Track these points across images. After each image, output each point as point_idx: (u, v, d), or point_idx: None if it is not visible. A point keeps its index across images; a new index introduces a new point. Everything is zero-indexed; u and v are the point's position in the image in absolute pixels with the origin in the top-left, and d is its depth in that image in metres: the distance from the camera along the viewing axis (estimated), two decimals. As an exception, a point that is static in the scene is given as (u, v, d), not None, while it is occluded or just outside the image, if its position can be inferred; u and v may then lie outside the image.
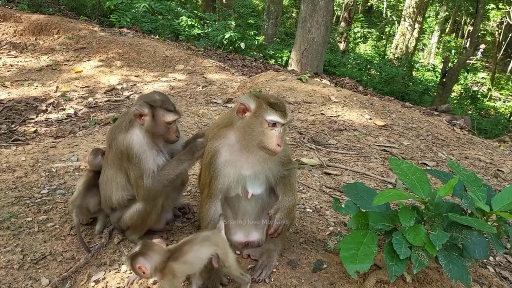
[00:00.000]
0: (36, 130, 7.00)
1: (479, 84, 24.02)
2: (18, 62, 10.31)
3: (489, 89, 22.91)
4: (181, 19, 14.56)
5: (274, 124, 2.60)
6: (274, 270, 2.83)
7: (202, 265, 2.48)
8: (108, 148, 2.99)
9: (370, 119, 6.77)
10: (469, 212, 2.74)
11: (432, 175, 3.29)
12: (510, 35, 23.43)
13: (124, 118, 2.93)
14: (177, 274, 2.42)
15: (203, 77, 9.86)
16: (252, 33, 15.85)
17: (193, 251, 2.46)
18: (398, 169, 2.85)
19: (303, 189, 4.13)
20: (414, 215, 2.55)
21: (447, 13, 29.01)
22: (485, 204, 2.77)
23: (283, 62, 15.78)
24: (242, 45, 14.03)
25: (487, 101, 21.65)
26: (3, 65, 10.01)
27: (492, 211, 2.73)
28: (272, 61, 15.48)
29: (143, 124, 2.80)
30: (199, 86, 9.11)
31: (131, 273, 2.79)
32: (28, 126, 7.15)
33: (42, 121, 7.44)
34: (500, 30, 24.56)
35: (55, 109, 7.87)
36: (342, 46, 24.49)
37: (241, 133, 2.68)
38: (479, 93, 21.23)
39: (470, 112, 17.65)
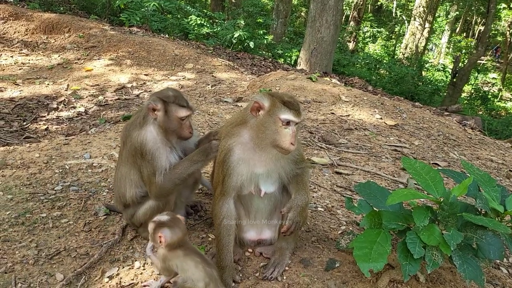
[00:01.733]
0: (47, 127, 7.06)
1: (489, 85, 23.80)
2: (29, 60, 10.40)
3: (500, 90, 22.71)
4: (190, 18, 14.59)
5: (288, 123, 2.59)
6: (287, 268, 2.83)
7: (187, 278, 2.45)
8: (122, 145, 3.01)
9: (381, 118, 6.74)
10: (483, 212, 2.72)
11: (445, 174, 3.28)
12: (522, 35, 23.20)
13: (138, 115, 2.96)
14: (173, 265, 2.49)
15: (213, 76, 9.88)
16: (261, 32, 15.83)
17: (192, 269, 2.45)
18: (411, 169, 2.84)
19: (314, 188, 4.13)
20: (428, 215, 2.54)
21: (457, 12, 28.79)
22: (499, 205, 2.75)
23: (292, 61, 15.76)
24: (251, 44, 14.03)
25: (498, 101, 21.47)
26: (15, 63, 10.11)
27: (507, 211, 2.71)
28: (281, 61, 15.47)
29: (155, 118, 2.83)
30: (209, 85, 9.13)
31: (144, 269, 2.82)
32: (40, 124, 7.21)
33: (53, 119, 7.51)
34: (511, 30, 24.31)
35: (66, 107, 7.94)
36: (351, 45, 24.43)
37: (255, 131, 2.68)
38: (490, 94, 21.05)
39: (480, 113, 17.52)
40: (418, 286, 2.64)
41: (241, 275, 2.79)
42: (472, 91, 20.80)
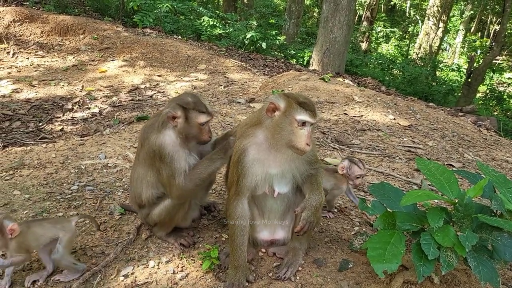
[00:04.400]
0: (62, 128, 7.17)
1: (505, 85, 23.43)
2: (45, 62, 10.57)
3: (515, 90, 22.32)
4: (203, 19, 14.68)
5: (303, 124, 2.60)
6: (300, 268, 2.84)
7: (45, 241, 2.69)
8: (140, 147, 3.03)
9: (394, 119, 6.70)
10: (499, 213, 2.69)
11: (459, 175, 3.25)
12: (538, 34, 22.79)
13: (156, 119, 2.96)
14: (30, 240, 2.66)
15: (225, 76, 9.92)
16: (274, 33, 15.85)
17: (42, 226, 2.71)
18: (426, 170, 2.83)
19: (327, 189, 4.12)
20: (442, 216, 2.52)
21: (472, 12, 28.41)
22: (515, 206, 2.72)
23: (305, 62, 15.73)
24: (264, 45, 14.06)
25: (514, 101, 21.10)
26: (30, 65, 10.28)
27: (523, 213, 2.67)
28: (294, 61, 15.46)
29: (176, 126, 2.84)
30: (221, 85, 9.17)
31: (159, 268, 2.85)
32: (55, 125, 7.32)
33: (68, 119, 7.61)
34: (527, 29, 23.92)
35: (80, 108, 8.04)
36: (364, 45, 24.28)
37: (270, 132, 2.69)
38: (506, 94, 20.72)
39: (496, 113, 17.26)
40: (432, 287, 2.62)
41: (254, 275, 2.80)
42: (487, 91, 20.51)
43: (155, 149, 2.81)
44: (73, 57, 10.79)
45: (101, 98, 8.55)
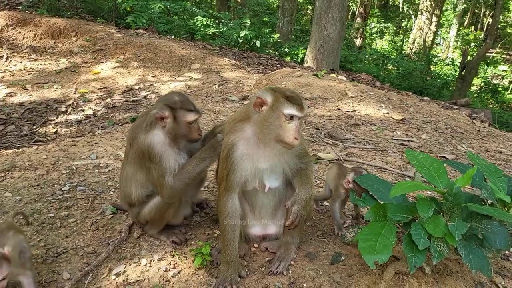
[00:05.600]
0: (56, 131, 7.16)
1: (499, 77, 23.49)
2: (38, 65, 10.54)
3: (510, 82, 22.40)
4: (196, 19, 14.65)
5: (291, 118, 2.59)
6: (292, 262, 2.84)
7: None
8: (128, 146, 3.02)
9: (388, 113, 6.70)
10: (489, 202, 2.70)
11: (450, 166, 3.26)
12: (532, 26, 22.86)
13: (144, 118, 2.94)
14: None
15: (219, 75, 9.91)
16: (267, 31, 15.83)
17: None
18: (415, 161, 2.83)
19: (320, 183, 4.13)
20: (432, 206, 2.52)
21: (465, 5, 28.45)
22: (505, 195, 2.72)
23: (299, 59, 15.73)
24: (258, 43, 14.04)
25: (509, 94, 21.18)
26: (24, 68, 10.25)
27: (514, 201, 2.68)
28: (288, 59, 15.45)
29: (164, 126, 2.83)
30: (215, 84, 9.16)
31: (151, 266, 2.84)
32: (49, 127, 7.31)
33: (62, 122, 7.60)
34: (521, 22, 23.98)
35: (74, 110, 8.03)
36: (358, 42, 24.30)
37: (258, 126, 2.68)
38: (500, 86, 20.78)
39: (490, 106, 17.31)
40: (424, 277, 2.62)
41: (247, 270, 2.80)
42: (482, 84, 20.57)
43: (144, 149, 2.80)
44: (66, 60, 10.76)
45: (95, 100, 8.53)
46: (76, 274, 2.76)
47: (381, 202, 2.78)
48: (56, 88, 9.08)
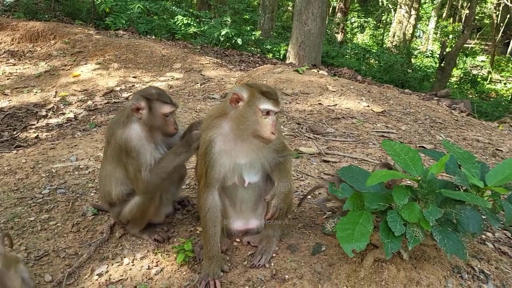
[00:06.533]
0: (37, 135, 7.07)
1: (478, 68, 23.90)
2: (16, 69, 10.39)
3: (489, 72, 22.81)
4: (177, 18, 14.57)
5: (267, 113, 2.63)
6: (274, 255, 2.87)
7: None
8: (106, 144, 3.03)
9: (368, 106, 6.79)
10: (464, 189, 2.76)
11: (426, 155, 3.32)
12: (508, 16, 23.27)
13: (121, 114, 2.97)
14: None
15: (201, 74, 9.89)
16: (249, 28, 15.82)
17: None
18: (391, 150, 2.88)
19: (302, 177, 4.17)
20: (408, 194, 2.58)
21: (443, -2, 28.85)
22: (479, 180, 2.79)
23: (281, 55, 15.77)
24: (239, 41, 14.03)
25: (488, 84, 21.56)
26: (2, 74, 10.10)
27: (487, 186, 2.75)
28: (270, 55, 15.48)
29: (140, 118, 2.85)
30: (197, 83, 9.14)
31: (133, 265, 2.85)
32: (30, 132, 7.22)
33: (43, 126, 7.51)
34: (497, 12, 24.41)
35: (55, 114, 7.94)
36: (339, 37, 24.44)
37: (235, 122, 2.71)
38: (479, 77, 21.15)
39: (470, 96, 17.60)
40: (402, 263, 2.68)
41: (229, 264, 2.83)
42: (462, 75, 20.90)
43: (121, 144, 2.81)
44: (45, 63, 10.63)
45: (75, 102, 8.45)
46: (58, 276, 2.76)
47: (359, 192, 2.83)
48: (36, 92, 8.97)
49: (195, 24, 14.64)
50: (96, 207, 3.42)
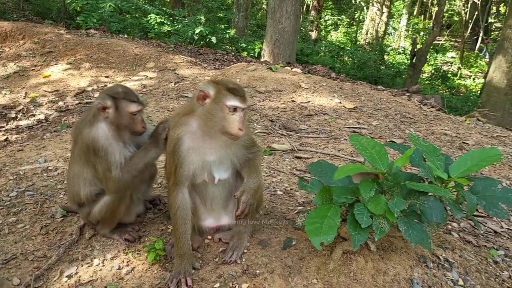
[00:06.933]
0: (6, 138, 6.89)
1: (449, 64, 24.50)
2: (-16, 71, 10.10)
3: (459, 68, 23.40)
4: (150, 17, 14.43)
5: (234, 109, 2.65)
6: (245, 251, 2.89)
7: None
8: (73, 144, 2.99)
9: (340, 102, 6.88)
10: (429, 181, 2.85)
11: (393, 149, 3.40)
12: (476, 13, 23.91)
13: (88, 112, 2.95)
14: None
15: (175, 73, 9.83)
16: (223, 26, 15.79)
17: None
18: (358, 144, 2.94)
19: (274, 173, 4.21)
20: (374, 187, 2.65)
21: (414, -5, 29.41)
22: (443, 172, 2.88)
23: (256, 54, 15.80)
24: (214, 39, 13.99)
25: (458, 79, 22.12)
26: (-32, 75, 9.80)
27: (450, 178, 2.84)
28: (245, 54, 15.49)
29: (107, 117, 2.83)
30: (171, 82, 9.08)
31: (103, 265, 2.83)
32: (-2, 135, 7.03)
33: (13, 128, 7.33)
34: (466, 9, 25.05)
35: (25, 116, 7.77)
36: (313, 34, 24.63)
37: (203, 119, 2.72)
38: (449, 73, 21.67)
39: (441, 91, 18.01)
40: (370, 255, 2.74)
41: (201, 261, 2.83)
42: (433, 71, 21.38)
43: (88, 143, 2.78)
44: (14, 64, 10.36)
45: (46, 104, 8.28)
46: (26, 279, 2.71)
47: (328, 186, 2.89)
48: (5, 93, 8.75)
49: (168, 23, 14.53)
50: (65, 209, 3.38)
